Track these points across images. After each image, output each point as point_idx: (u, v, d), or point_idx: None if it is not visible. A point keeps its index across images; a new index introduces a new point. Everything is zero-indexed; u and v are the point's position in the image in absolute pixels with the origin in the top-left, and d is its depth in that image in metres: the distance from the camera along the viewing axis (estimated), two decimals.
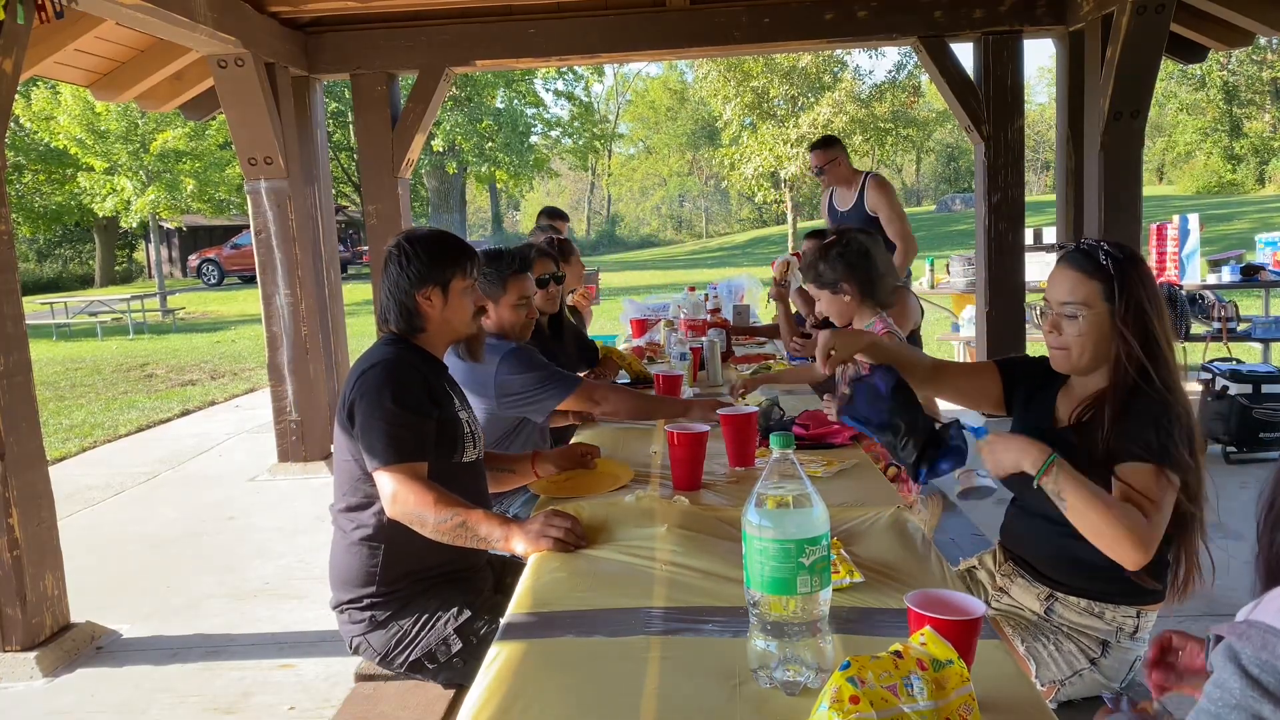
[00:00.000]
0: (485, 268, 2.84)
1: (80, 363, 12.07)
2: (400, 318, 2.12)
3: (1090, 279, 1.80)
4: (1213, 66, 33.03)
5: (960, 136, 39.19)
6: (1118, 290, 1.78)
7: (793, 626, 1.23)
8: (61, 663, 3.35)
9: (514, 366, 2.71)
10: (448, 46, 5.97)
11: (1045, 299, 1.91)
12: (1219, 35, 6.00)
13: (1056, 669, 1.89)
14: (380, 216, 6.12)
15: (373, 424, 1.96)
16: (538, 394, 2.70)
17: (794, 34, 5.93)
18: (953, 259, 7.85)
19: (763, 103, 25.21)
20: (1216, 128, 35.08)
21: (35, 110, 17.77)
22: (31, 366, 3.45)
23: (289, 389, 5.70)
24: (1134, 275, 1.79)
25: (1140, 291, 1.79)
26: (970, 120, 5.86)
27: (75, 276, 31.32)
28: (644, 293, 13.93)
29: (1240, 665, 0.78)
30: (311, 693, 3.07)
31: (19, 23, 3.22)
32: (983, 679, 1.19)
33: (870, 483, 2.21)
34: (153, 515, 5.23)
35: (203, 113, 6.62)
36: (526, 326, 2.94)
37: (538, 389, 2.70)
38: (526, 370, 2.71)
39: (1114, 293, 1.78)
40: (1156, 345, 1.79)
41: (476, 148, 25.64)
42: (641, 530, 1.86)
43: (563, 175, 45.32)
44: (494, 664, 1.37)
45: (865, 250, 2.90)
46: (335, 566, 2.12)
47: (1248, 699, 0.77)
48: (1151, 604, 1.91)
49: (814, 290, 2.97)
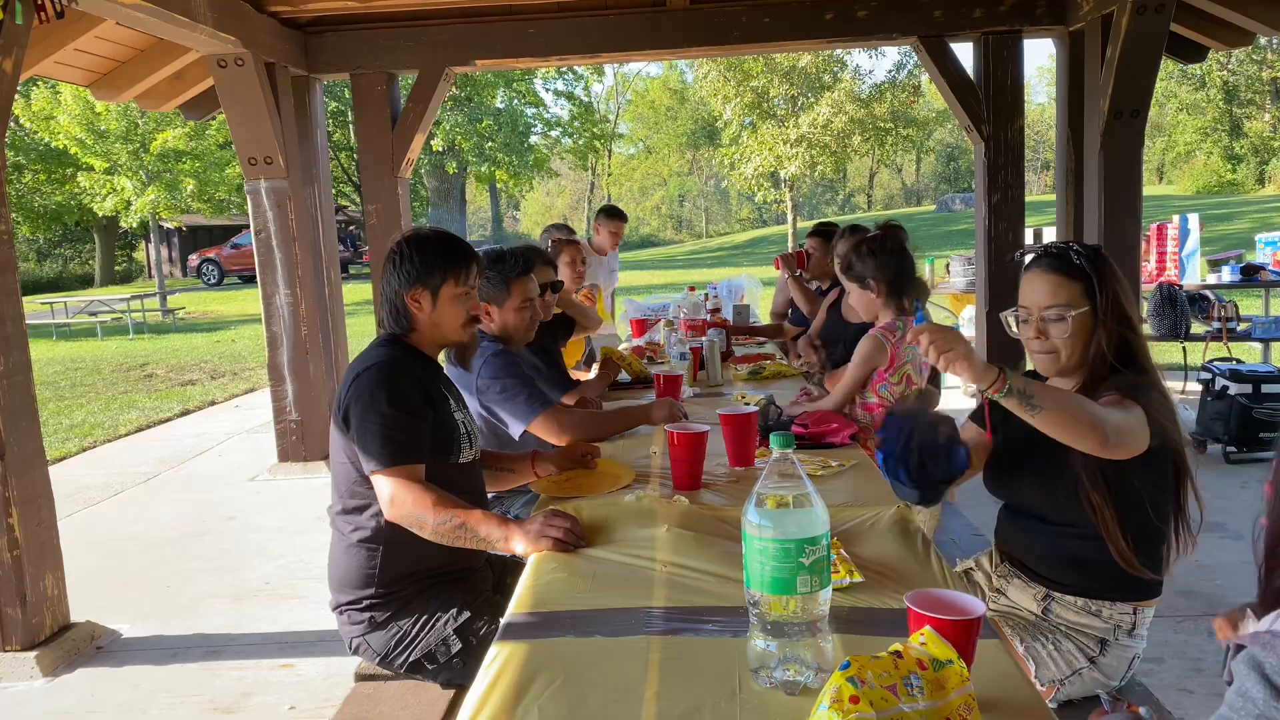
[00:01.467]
0: (488, 270, 2.83)
1: (80, 363, 12.07)
2: (390, 316, 2.12)
3: (1071, 280, 1.85)
4: (1213, 66, 33.03)
5: (960, 136, 39.18)
6: (1097, 287, 1.84)
7: (793, 626, 1.23)
8: (61, 663, 3.35)
9: (494, 369, 2.71)
10: (448, 46, 5.96)
11: (1023, 306, 1.92)
12: (1219, 35, 6.00)
13: (1056, 668, 1.89)
14: (380, 216, 6.12)
15: (368, 427, 1.96)
16: (505, 401, 2.68)
17: (794, 34, 5.93)
18: (953, 259, 7.85)
19: (763, 102, 25.20)
20: (1216, 128, 35.08)
21: (35, 110, 17.77)
22: (31, 366, 3.45)
23: (289, 389, 5.70)
24: (1107, 270, 1.86)
25: (1115, 284, 1.86)
26: (970, 120, 5.85)
27: (75, 276, 31.33)
28: (644, 293, 13.94)
29: (1264, 674, 0.79)
30: (311, 693, 3.07)
31: (18, 23, 3.22)
32: (983, 679, 1.19)
33: (870, 483, 2.21)
34: (153, 515, 5.23)
35: (203, 113, 6.61)
36: (530, 329, 2.93)
37: (504, 395, 2.68)
38: (503, 376, 2.70)
39: (1094, 290, 1.84)
40: (1134, 332, 1.87)
41: (476, 148, 25.64)
42: (641, 530, 1.86)
43: (563, 175, 45.32)
44: (494, 664, 1.37)
45: (901, 249, 2.93)
46: (334, 568, 2.11)
47: (1271, 708, 0.78)
48: (1148, 600, 1.92)
49: (845, 280, 2.99)
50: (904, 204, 49.08)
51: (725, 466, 2.32)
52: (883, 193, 54.10)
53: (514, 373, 2.72)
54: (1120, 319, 1.85)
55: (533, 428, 2.66)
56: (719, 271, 18.82)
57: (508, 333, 2.88)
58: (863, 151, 30.59)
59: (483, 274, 2.24)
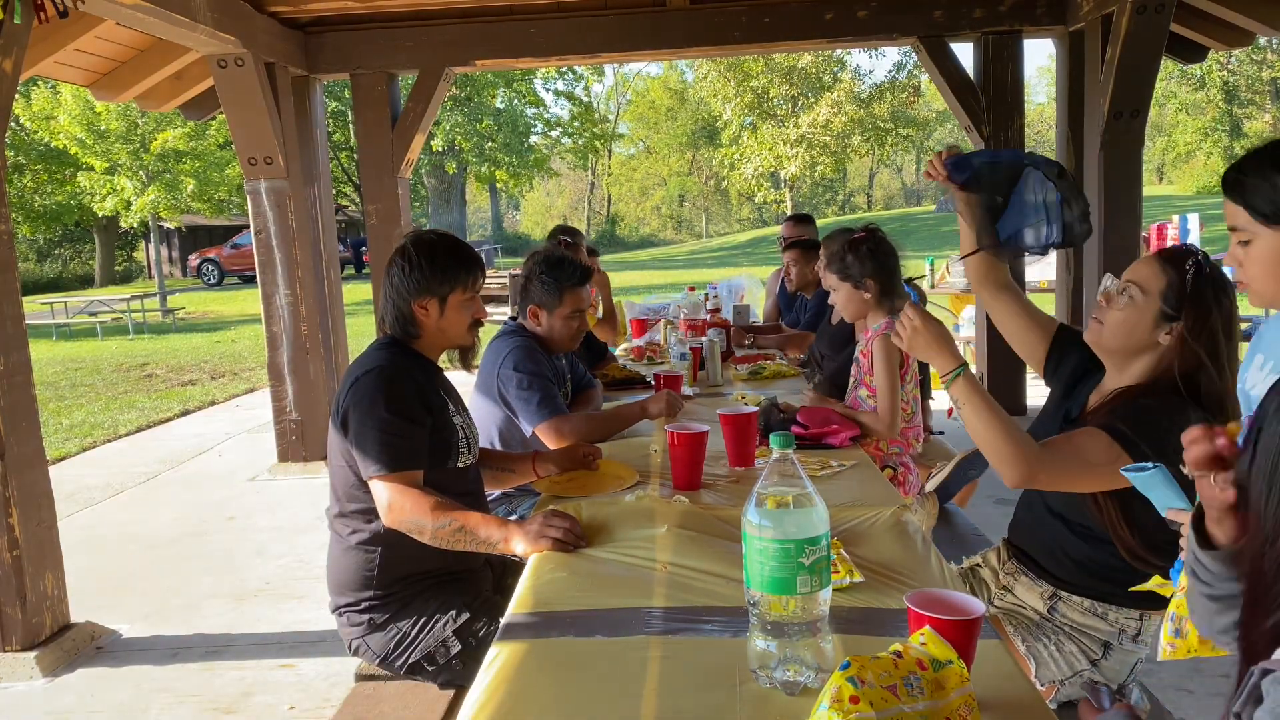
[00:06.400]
0: (544, 275, 2.83)
1: (80, 363, 12.07)
2: (396, 323, 2.10)
3: (1162, 273, 1.75)
4: (1213, 66, 33.02)
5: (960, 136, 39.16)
6: (1189, 298, 1.71)
7: (793, 626, 1.23)
8: (61, 663, 3.35)
9: (515, 360, 2.72)
10: (448, 46, 5.97)
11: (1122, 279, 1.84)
12: (1219, 35, 6.00)
13: (1056, 669, 1.89)
14: (380, 216, 6.12)
15: (367, 432, 1.95)
16: (519, 397, 2.69)
17: (794, 34, 5.93)
18: (953, 259, 7.86)
19: (763, 103, 25.23)
20: (1216, 128, 35.08)
21: (35, 110, 17.78)
22: (31, 366, 3.45)
23: (289, 389, 5.71)
24: (1208, 291, 1.71)
25: (1212, 307, 1.71)
26: (970, 120, 5.86)
27: (75, 276, 31.31)
28: (644, 293, 13.94)
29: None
30: (311, 693, 3.07)
31: (18, 22, 3.22)
32: (983, 679, 1.19)
33: (870, 483, 2.21)
34: (153, 515, 5.23)
35: (203, 113, 6.62)
36: (575, 339, 2.91)
37: (520, 390, 2.68)
38: (524, 370, 2.70)
39: (1179, 298, 1.71)
40: (1214, 366, 1.71)
41: (476, 148, 25.67)
42: (641, 530, 1.86)
43: (563, 175, 45.33)
44: (494, 664, 1.37)
45: (893, 251, 2.93)
46: (333, 570, 2.11)
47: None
48: (1156, 608, 1.90)
49: (835, 281, 2.96)
50: (904, 204, 49.05)
51: (725, 466, 2.32)
52: (883, 193, 54.09)
53: (535, 370, 2.72)
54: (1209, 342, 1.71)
55: (539, 430, 2.67)
56: (719, 271, 18.82)
57: (552, 338, 2.86)
58: (863, 151, 30.63)
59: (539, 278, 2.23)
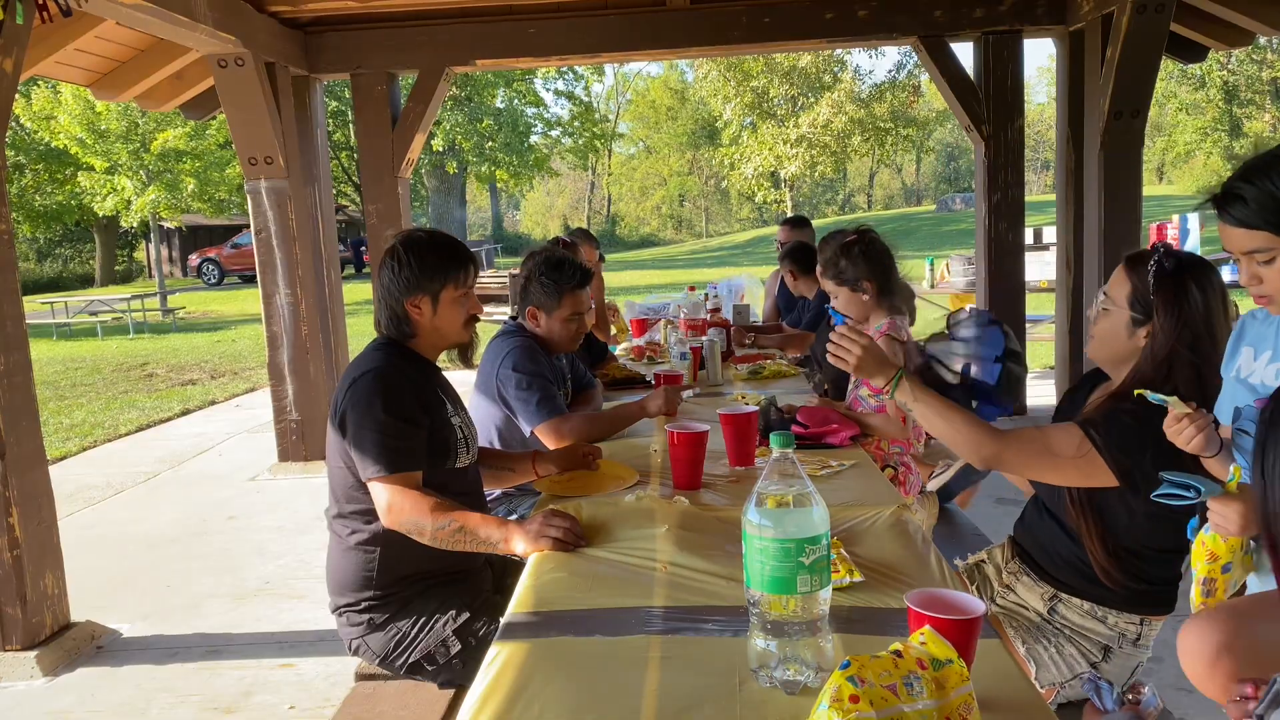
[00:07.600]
0: (544, 277, 2.82)
1: (80, 362, 12.07)
2: (391, 323, 2.09)
3: (1126, 280, 1.84)
4: (1213, 66, 33.02)
5: (960, 136, 39.18)
6: (1156, 298, 1.77)
7: (793, 626, 1.23)
8: (62, 662, 3.35)
9: (515, 360, 2.71)
10: (448, 46, 5.97)
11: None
12: (1219, 35, 6.00)
13: (1056, 671, 1.89)
14: (380, 216, 6.12)
15: (365, 434, 1.95)
16: (518, 396, 2.68)
17: (794, 34, 5.93)
18: (952, 258, 7.87)
19: (763, 103, 25.24)
20: (1216, 128, 35.08)
21: (35, 110, 17.76)
22: (31, 366, 3.45)
23: (289, 388, 5.71)
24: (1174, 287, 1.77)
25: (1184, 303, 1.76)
26: (970, 120, 5.86)
27: (75, 276, 31.31)
28: (644, 293, 13.93)
29: None
30: (311, 692, 3.07)
31: (18, 22, 3.22)
32: (983, 678, 1.19)
33: (870, 482, 2.21)
34: (153, 515, 5.23)
35: (203, 112, 6.62)
36: (574, 341, 2.91)
37: (519, 390, 2.68)
38: (523, 370, 2.70)
39: (1145, 301, 1.79)
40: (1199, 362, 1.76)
41: (476, 147, 25.66)
42: (641, 530, 1.86)
43: (563, 175, 45.33)
44: (494, 664, 1.37)
45: (887, 250, 2.92)
46: (332, 570, 2.11)
47: None
48: (1157, 613, 1.91)
49: (832, 286, 2.95)
50: (904, 204, 49.07)
51: (725, 466, 2.32)
52: (883, 193, 54.11)
53: (535, 370, 2.71)
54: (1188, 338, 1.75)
55: (539, 430, 2.67)
56: (719, 271, 18.81)
57: (551, 340, 2.86)
58: (863, 151, 30.62)
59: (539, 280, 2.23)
